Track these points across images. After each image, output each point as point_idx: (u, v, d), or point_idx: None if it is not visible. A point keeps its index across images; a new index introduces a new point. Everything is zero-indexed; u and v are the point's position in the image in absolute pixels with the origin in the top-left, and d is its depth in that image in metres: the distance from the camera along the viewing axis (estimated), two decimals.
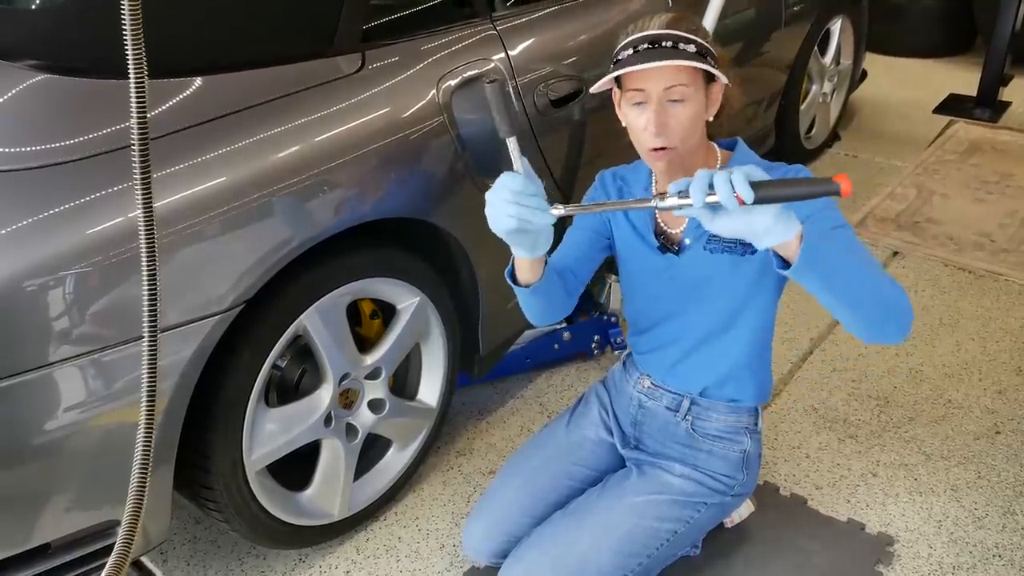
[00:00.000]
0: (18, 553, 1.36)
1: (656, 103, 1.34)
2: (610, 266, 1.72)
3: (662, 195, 1.13)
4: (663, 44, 1.31)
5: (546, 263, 1.43)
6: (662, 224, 1.56)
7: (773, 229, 1.12)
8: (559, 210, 1.22)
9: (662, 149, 1.37)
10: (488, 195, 1.24)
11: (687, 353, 1.61)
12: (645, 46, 1.32)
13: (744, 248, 1.47)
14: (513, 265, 1.44)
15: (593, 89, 1.42)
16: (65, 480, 1.37)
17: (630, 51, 1.34)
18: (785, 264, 1.20)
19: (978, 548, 1.84)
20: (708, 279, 1.52)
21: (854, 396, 2.30)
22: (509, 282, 1.46)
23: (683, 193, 1.12)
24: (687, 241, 1.52)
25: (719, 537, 1.83)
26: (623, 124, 1.44)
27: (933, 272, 2.85)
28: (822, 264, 1.19)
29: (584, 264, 1.59)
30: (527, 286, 1.43)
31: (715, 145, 1.51)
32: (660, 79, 1.33)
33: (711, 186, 1.09)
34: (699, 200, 1.09)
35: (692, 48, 1.32)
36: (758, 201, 1.07)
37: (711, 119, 1.43)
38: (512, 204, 1.20)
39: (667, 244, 1.55)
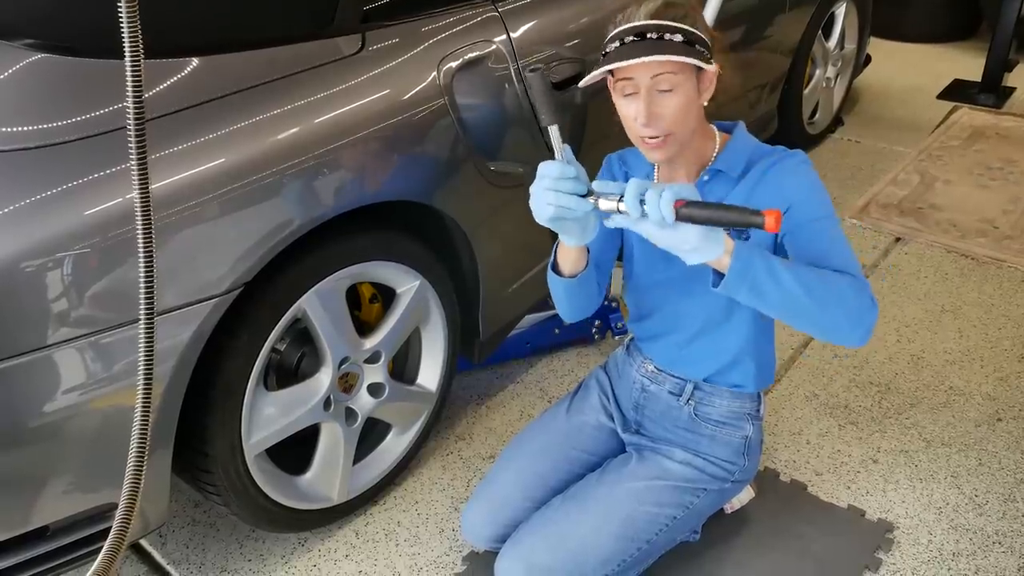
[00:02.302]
0: (16, 536, 1.35)
1: (645, 93, 1.33)
2: None
3: (596, 197, 1.19)
4: (649, 36, 1.29)
5: (588, 253, 1.43)
6: None
7: (698, 248, 1.18)
8: (597, 200, 1.22)
9: (654, 139, 1.35)
10: (532, 186, 1.26)
11: (688, 341, 1.61)
12: (631, 38, 1.30)
13: (737, 234, 1.46)
14: (555, 258, 1.44)
15: (582, 84, 1.41)
16: (63, 463, 1.36)
17: (617, 43, 1.32)
18: (719, 281, 1.24)
19: (978, 535, 1.84)
20: (706, 266, 1.51)
21: (855, 383, 2.30)
22: (552, 274, 1.46)
23: (613, 198, 1.18)
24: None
25: (719, 523, 1.83)
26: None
27: (936, 259, 2.84)
28: (755, 284, 1.24)
29: (605, 255, 1.59)
30: (572, 276, 1.43)
31: (715, 128, 1.50)
32: (647, 69, 1.31)
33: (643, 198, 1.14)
34: (635, 211, 1.15)
35: (679, 38, 1.29)
36: (680, 219, 1.12)
37: (706, 103, 1.41)
38: (550, 192, 1.22)
39: None
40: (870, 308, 1.29)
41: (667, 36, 1.29)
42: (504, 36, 1.84)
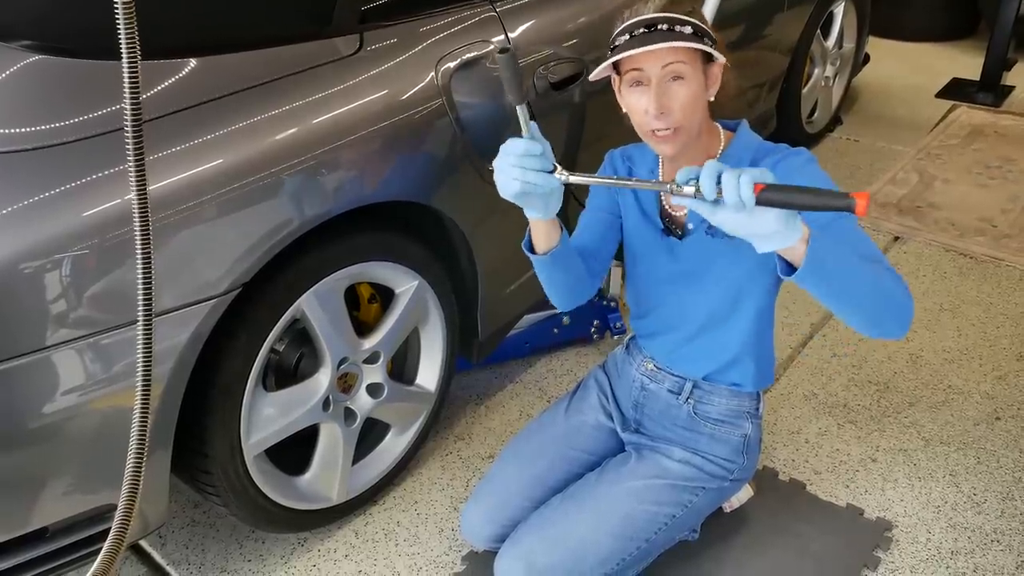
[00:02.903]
0: (15, 537, 1.35)
1: (656, 84, 1.33)
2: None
3: (675, 185, 1.12)
4: (659, 27, 1.31)
5: (562, 229, 1.42)
6: (667, 207, 1.55)
7: (776, 233, 1.11)
8: (565, 176, 1.23)
9: (665, 131, 1.36)
10: (495, 161, 1.25)
11: (688, 339, 1.61)
12: (641, 30, 1.32)
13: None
14: (530, 236, 1.43)
15: (592, 77, 1.41)
16: (63, 464, 1.36)
17: (626, 36, 1.33)
18: (789, 269, 1.19)
19: (976, 533, 1.84)
20: (710, 264, 1.52)
21: (854, 381, 2.30)
22: (527, 253, 1.45)
23: (692, 183, 1.11)
24: (690, 226, 1.52)
25: (718, 522, 1.83)
26: (624, 110, 1.43)
27: (934, 257, 2.84)
28: (827, 271, 1.18)
29: (603, 245, 1.59)
30: (544, 254, 1.42)
31: (719, 126, 1.50)
32: (658, 58, 1.32)
33: (719, 181, 1.08)
34: (710, 193, 1.09)
35: (688, 29, 1.31)
36: (760, 203, 1.06)
37: (712, 99, 1.42)
38: (516, 168, 1.23)
39: (671, 227, 1.54)
40: (911, 303, 1.28)
41: (677, 28, 1.31)
42: (502, 36, 1.84)
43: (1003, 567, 1.76)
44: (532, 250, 1.44)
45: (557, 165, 1.24)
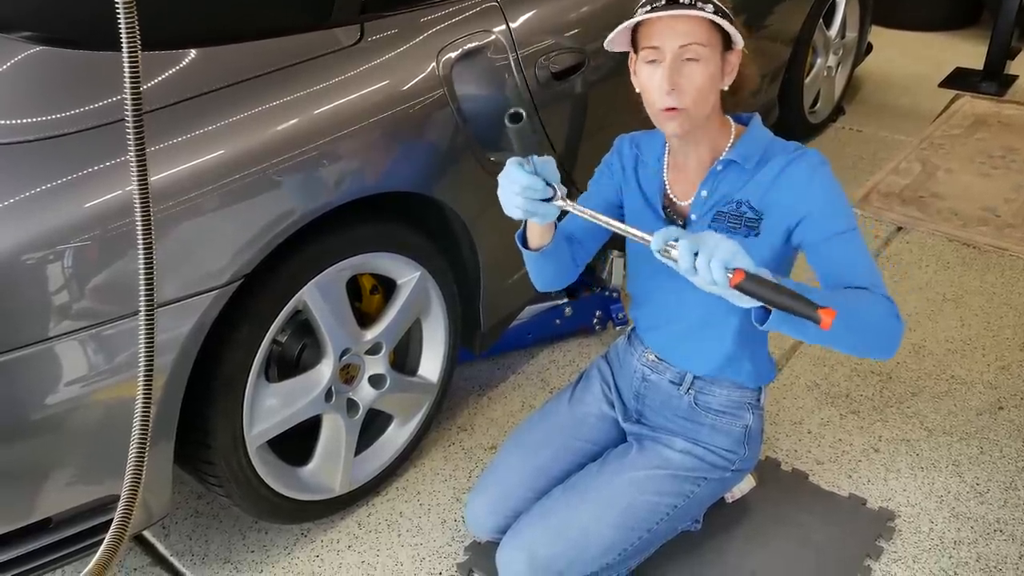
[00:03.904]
0: (19, 527, 1.36)
1: (670, 61, 1.33)
2: (613, 241, 1.71)
3: (659, 243, 1.18)
4: (682, 1, 1.30)
5: (555, 228, 1.46)
6: (671, 195, 1.54)
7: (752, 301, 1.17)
8: (562, 203, 1.29)
9: (673, 109, 1.35)
10: (500, 178, 1.31)
11: (685, 334, 1.60)
12: (663, 2, 1.31)
13: (748, 230, 1.45)
14: (524, 229, 1.47)
15: (607, 44, 1.41)
16: (66, 455, 1.37)
17: (647, 7, 1.33)
18: (764, 315, 1.22)
19: (979, 523, 1.84)
20: None
21: (856, 372, 2.30)
22: (519, 245, 1.49)
23: (671, 245, 1.16)
24: (693, 216, 1.51)
25: (720, 512, 1.83)
26: (637, 90, 1.42)
27: (937, 247, 2.84)
28: (797, 323, 1.20)
29: (594, 235, 1.60)
30: (537, 250, 1.46)
31: (730, 120, 1.49)
32: (676, 36, 1.32)
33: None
34: (688, 270, 1.15)
35: (711, 8, 1.31)
36: (736, 288, 1.11)
37: (726, 88, 1.41)
38: (519, 197, 1.29)
39: (673, 216, 1.54)
40: (899, 328, 1.32)
41: (699, 4, 1.30)
42: (503, 26, 1.83)
43: (1006, 557, 1.76)
44: (525, 244, 1.49)
45: (556, 189, 1.29)
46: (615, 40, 1.41)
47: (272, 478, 1.70)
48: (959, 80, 4.12)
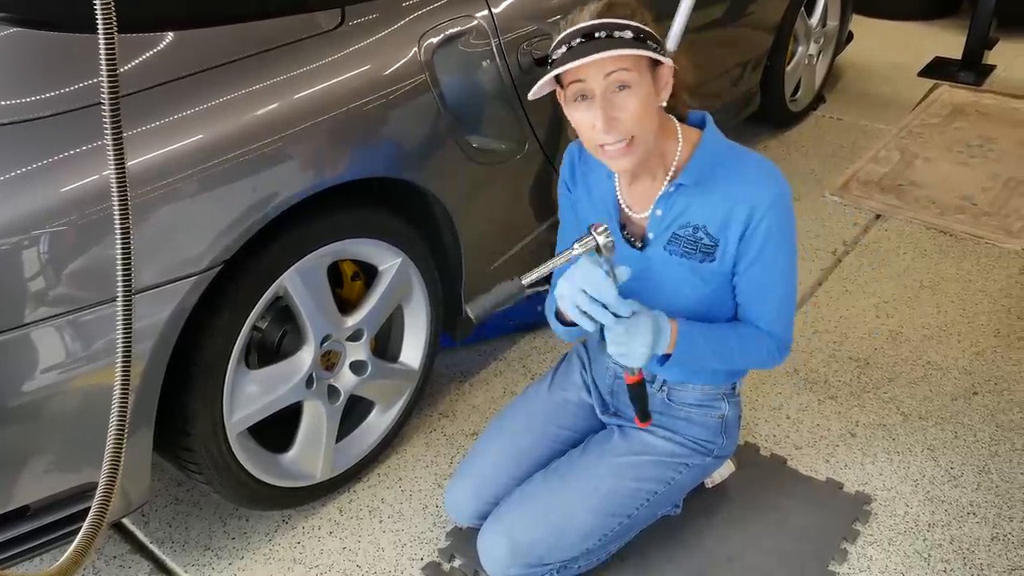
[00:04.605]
0: None
1: (600, 95, 1.29)
2: None
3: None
4: (597, 35, 1.26)
5: None
6: (627, 211, 1.52)
7: (654, 344, 1.39)
8: (528, 279, 1.36)
9: (618, 143, 1.31)
10: (566, 275, 1.36)
11: None
12: (579, 40, 1.27)
13: (704, 256, 1.45)
14: (558, 309, 1.49)
15: (532, 95, 1.37)
16: (43, 442, 1.36)
17: (564, 48, 1.28)
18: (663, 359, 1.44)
19: (953, 506, 1.87)
20: (670, 278, 1.49)
21: (835, 358, 2.32)
22: (554, 321, 1.57)
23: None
24: (651, 235, 1.49)
25: (700, 497, 1.85)
26: (572, 126, 1.38)
27: (915, 235, 2.86)
28: (687, 365, 1.49)
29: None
30: (570, 326, 1.49)
31: (678, 127, 1.45)
32: (600, 68, 1.27)
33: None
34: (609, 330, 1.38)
35: (628, 34, 1.26)
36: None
37: (664, 103, 1.38)
38: (585, 300, 1.34)
39: (630, 238, 1.53)
40: (771, 364, 1.54)
41: (616, 33, 1.26)
42: (486, 11, 1.82)
43: (978, 539, 1.79)
44: (559, 318, 1.53)
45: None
46: (542, 90, 1.35)
47: (253, 465, 1.70)
48: (938, 70, 4.15)
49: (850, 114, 3.78)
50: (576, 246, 1.32)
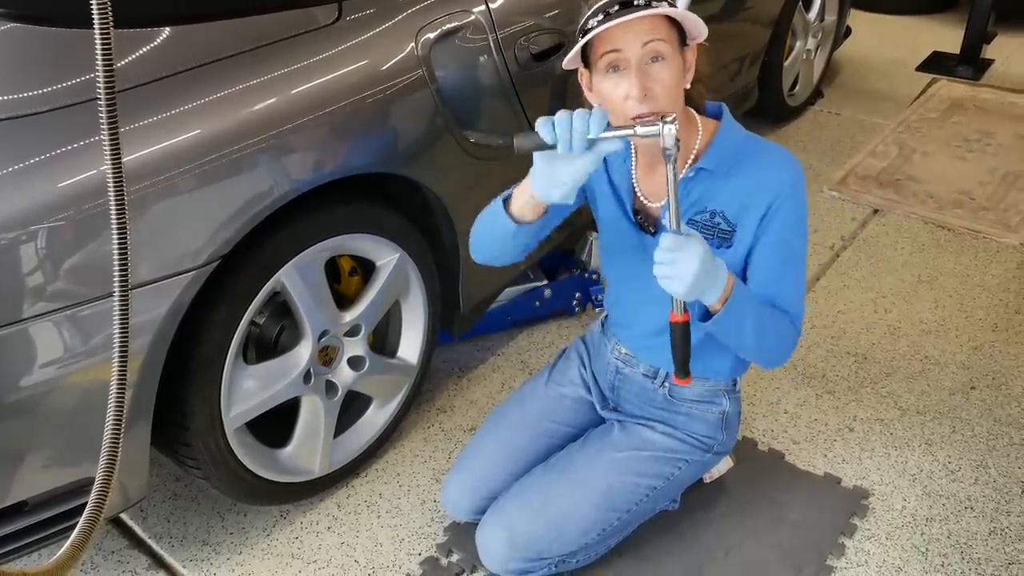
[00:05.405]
0: None
1: (636, 65, 1.28)
2: (592, 223, 1.70)
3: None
4: (636, 3, 1.26)
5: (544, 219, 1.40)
6: (642, 199, 1.52)
7: (705, 278, 1.28)
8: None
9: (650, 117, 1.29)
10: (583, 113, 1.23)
11: (656, 334, 1.57)
12: (616, 7, 1.26)
13: (721, 242, 1.45)
14: (508, 197, 1.39)
15: (565, 63, 1.36)
16: (41, 437, 1.35)
17: (600, 16, 1.28)
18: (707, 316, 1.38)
19: (951, 501, 1.87)
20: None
21: (832, 353, 2.32)
22: (501, 209, 1.39)
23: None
24: (664, 221, 1.48)
25: (698, 492, 1.85)
26: (594, 105, 1.33)
27: (913, 229, 2.87)
28: (729, 332, 1.40)
29: (551, 218, 1.47)
30: (515, 222, 1.38)
31: (696, 116, 1.45)
32: (637, 36, 1.27)
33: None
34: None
35: (665, 6, 1.27)
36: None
37: (688, 86, 1.38)
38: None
39: (644, 224, 1.53)
40: (791, 351, 1.49)
41: (653, 3, 1.27)
42: (483, 6, 1.82)
43: (976, 533, 1.80)
44: (505, 208, 1.40)
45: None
46: (573, 59, 1.35)
47: (251, 460, 1.70)
48: (936, 64, 4.15)
49: (848, 109, 3.77)
50: (639, 127, 1.22)
